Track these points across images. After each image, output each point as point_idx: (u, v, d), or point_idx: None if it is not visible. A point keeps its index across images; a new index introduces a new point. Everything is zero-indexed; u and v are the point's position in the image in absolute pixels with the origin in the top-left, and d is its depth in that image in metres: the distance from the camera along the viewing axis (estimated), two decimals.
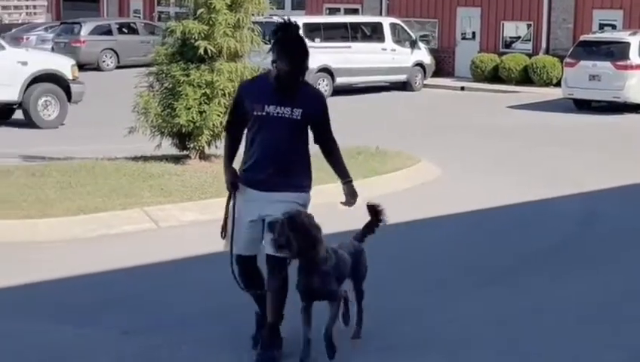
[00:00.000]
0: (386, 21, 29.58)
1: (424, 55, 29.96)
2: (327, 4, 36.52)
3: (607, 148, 17.32)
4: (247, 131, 6.17)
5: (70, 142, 16.39)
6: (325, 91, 26.83)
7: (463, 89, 30.19)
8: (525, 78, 30.11)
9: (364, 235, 6.62)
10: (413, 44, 29.52)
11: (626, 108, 23.52)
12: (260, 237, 6.08)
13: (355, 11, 35.44)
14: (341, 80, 27.48)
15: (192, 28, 12.85)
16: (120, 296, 7.75)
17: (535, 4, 31.52)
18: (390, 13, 33.82)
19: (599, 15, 30.32)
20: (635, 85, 23.47)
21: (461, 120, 21.91)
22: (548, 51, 31.03)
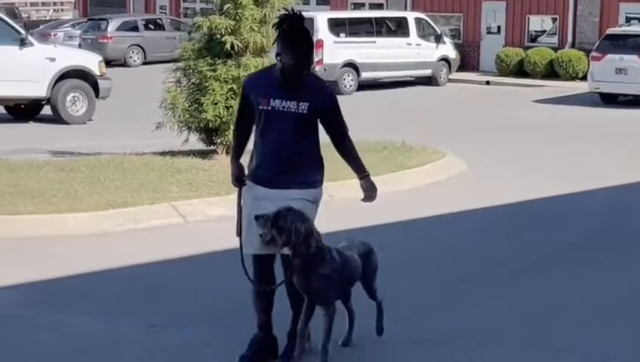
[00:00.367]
0: (411, 16, 29.55)
1: (449, 49, 29.92)
2: None
3: (634, 142, 17.23)
4: (255, 127, 6.00)
5: (98, 138, 16.53)
6: (350, 86, 26.92)
7: (488, 83, 30.12)
8: (551, 72, 30.01)
9: None
10: (438, 38, 29.49)
11: None
12: None
13: (380, 6, 35.40)
14: (366, 75, 27.50)
15: (219, 23, 12.93)
16: (148, 290, 7.81)
17: None
18: (415, 7, 33.76)
19: (625, 8, 30.15)
20: None
21: (486, 114, 21.87)
22: (574, 45, 30.90)
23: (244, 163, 6.09)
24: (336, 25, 27.22)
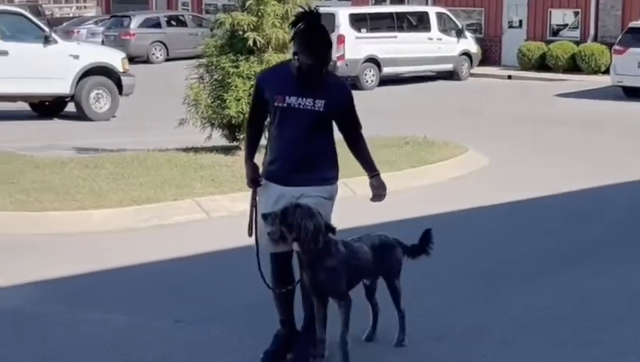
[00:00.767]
0: (432, 10, 29.52)
1: (471, 44, 29.87)
2: None
3: None
4: (269, 124, 5.93)
5: (122, 134, 16.61)
6: (372, 82, 26.93)
7: (510, 78, 30.06)
8: (573, 65, 29.91)
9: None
10: (459, 33, 29.44)
11: None
12: None
13: (401, 1, 35.38)
14: (387, 70, 27.51)
15: (241, 19, 12.98)
16: (172, 286, 7.86)
17: None
18: (436, 2, 33.71)
19: None
20: None
21: (508, 109, 21.82)
22: (596, 38, 30.77)
23: (257, 160, 6.07)
24: (358, 20, 27.23)
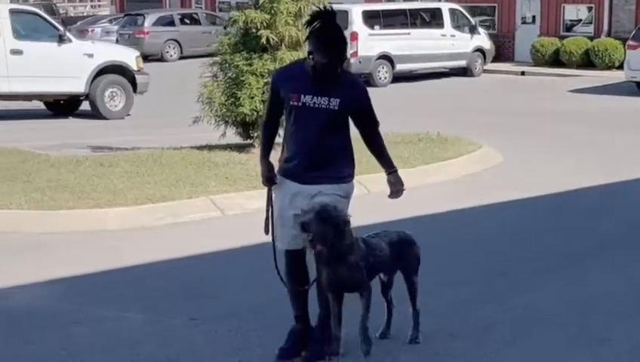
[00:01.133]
0: (445, 7, 29.46)
1: (484, 40, 29.85)
2: None
3: None
4: (285, 122, 5.96)
5: (136, 133, 16.65)
6: (385, 78, 26.94)
7: (523, 74, 30.00)
8: (587, 61, 29.83)
9: None
10: (472, 29, 29.42)
11: None
12: None
13: None
14: (401, 67, 27.51)
15: (254, 17, 13.00)
16: (187, 284, 7.89)
17: None
18: None
19: None
20: None
21: (522, 105, 21.81)
22: (610, 34, 30.67)
23: (273, 157, 6.10)
24: (371, 17, 27.24)
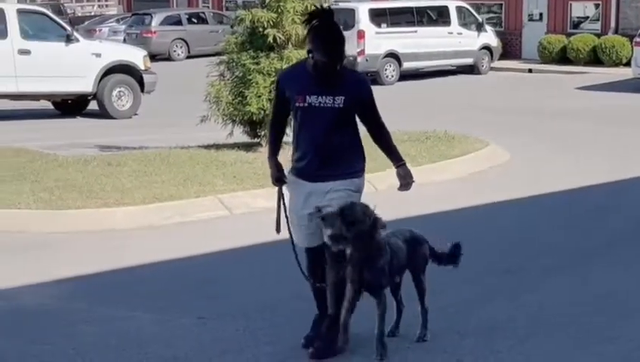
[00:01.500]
0: (452, 4, 29.41)
1: (491, 38, 29.82)
2: None
3: None
4: (292, 122, 6.02)
5: (144, 132, 16.68)
6: (392, 77, 26.93)
7: (530, 71, 29.97)
8: (594, 58, 29.79)
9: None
10: (479, 26, 29.39)
11: None
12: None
13: None
14: (408, 65, 27.51)
15: (261, 16, 13.03)
16: (195, 283, 7.91)
17: None
18: None
19: None
20: None
21: (529, 102, 21.78)
22: (617, 31, 30.62)
23: (282, 156, 6.14)
24: (378, 15, 27.25)
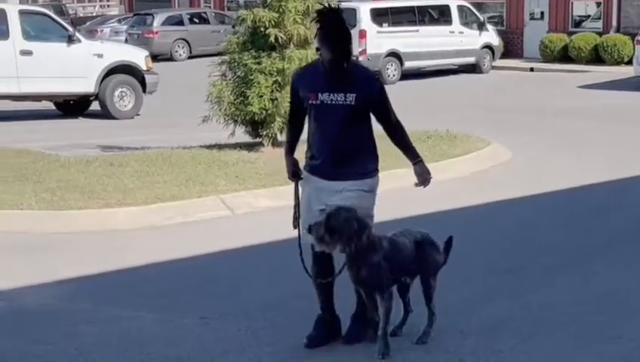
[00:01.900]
0: (454, 3, 29.40)
1: (492, 37, 29.82)
2: None
3: None
4: (307, 119, 6.11)
5: (146, 132, 16.69)
6: (394, 76, 26.95)
7: (532, 70, 29.96)
8: (596, 57, 29.78)
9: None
10: (481, 25, 29.40)
11: None
12: None
13: None
14: (409, 64, 27.53)
15: (263, 16, 13.04)
16: (197, 283, 7.91)
17: None
18: None
19: None
20: None
21: (531, 101, 21.77)
22: (618, 29, 30.59)
23: (296, 154, 6.22)
24: (379, 15, 27.27)
